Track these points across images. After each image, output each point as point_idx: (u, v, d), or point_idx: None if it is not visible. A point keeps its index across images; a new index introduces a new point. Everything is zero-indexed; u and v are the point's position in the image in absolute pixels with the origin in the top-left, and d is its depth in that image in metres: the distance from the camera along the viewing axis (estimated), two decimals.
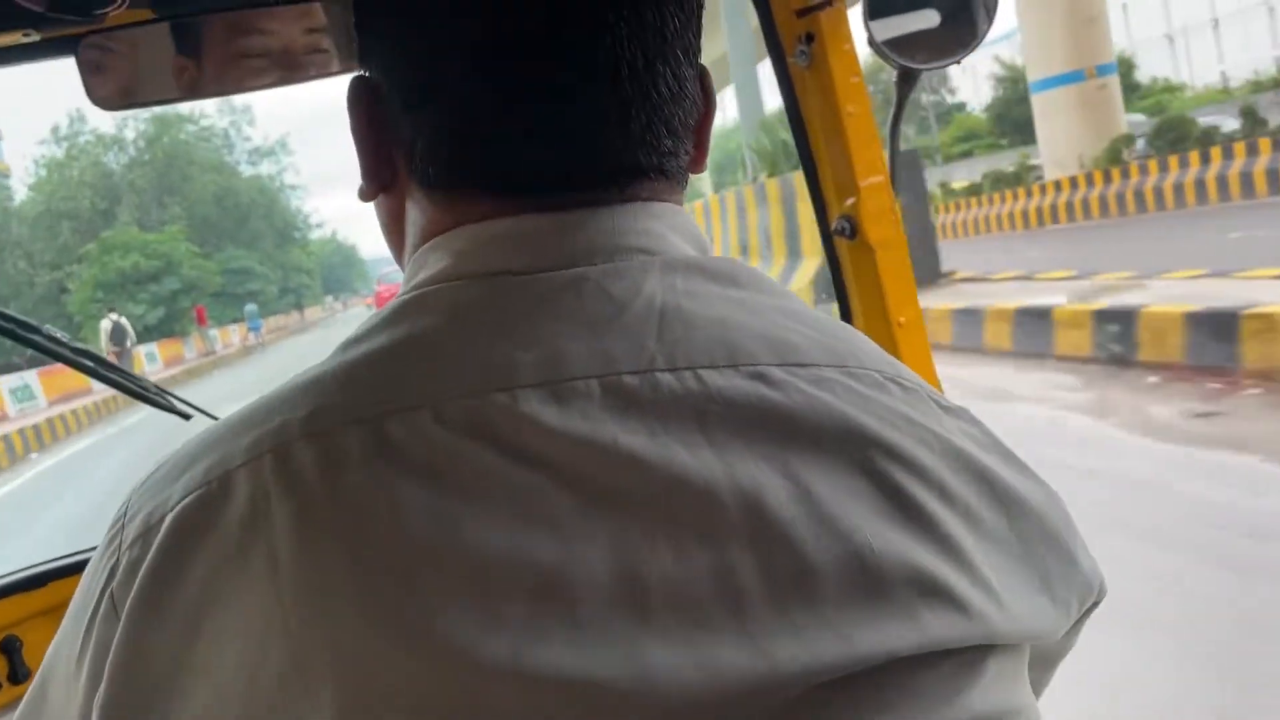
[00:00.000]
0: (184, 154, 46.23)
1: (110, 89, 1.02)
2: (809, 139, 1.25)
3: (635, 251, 0.53)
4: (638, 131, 0.53)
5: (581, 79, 0.51)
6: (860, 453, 0.48)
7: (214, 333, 35.19)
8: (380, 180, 0.58)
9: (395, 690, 0.42)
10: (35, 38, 0.98)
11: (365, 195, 0.60)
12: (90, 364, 1.22)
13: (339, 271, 79.88)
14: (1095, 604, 0.57)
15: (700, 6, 0.57)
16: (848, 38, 1.19)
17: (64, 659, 0.51)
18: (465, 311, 0.51)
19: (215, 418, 1.29)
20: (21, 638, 1.35)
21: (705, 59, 0.59)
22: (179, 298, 35.34)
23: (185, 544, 0.47)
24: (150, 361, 27.27)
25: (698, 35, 0.56)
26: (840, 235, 1.23)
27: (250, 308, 36.10)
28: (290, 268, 52.20)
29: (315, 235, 61.81)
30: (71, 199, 41.40)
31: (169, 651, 0.45)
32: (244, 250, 45.81)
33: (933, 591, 0.46)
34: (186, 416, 1.32)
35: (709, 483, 0.46)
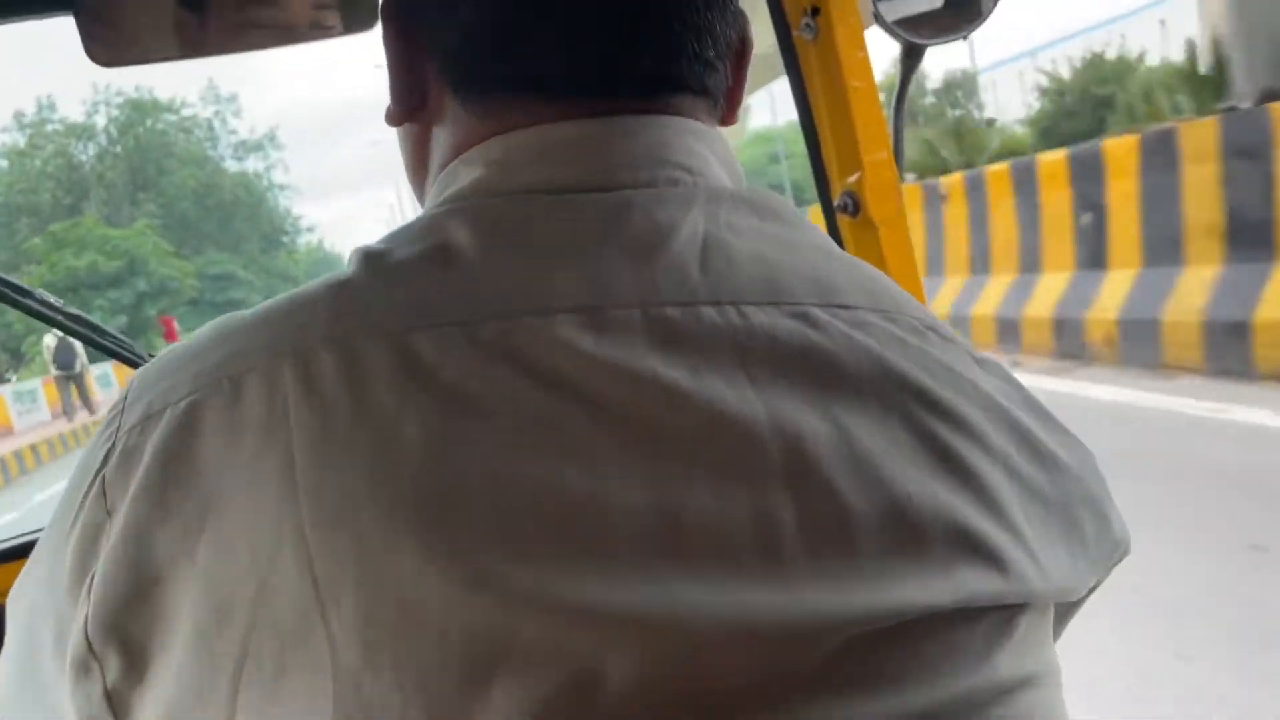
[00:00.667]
0: (161, 145, 42.20)
1: (110, 46, 1.00)
2: (813, 114, 1.25)
3: (678, 168, 0.52)
4: (682, 37, 0.52)
5: None
6: (902, 401, 0.48)
7: None
8: (409, 103, 0.56)
9: (419, 608, 0.41)
10: None
11: (393, 118, 0.58)
12: (84, 330, 1.21)
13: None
14: (1119, 560, 0.57)
15: None
16: (854, 11, 1.18)
17: (52, 540, 0.50)
18: (502, 229, 0.49)
19: None
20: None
21: None
22: (145, 304, 30.58)
23: (191, 438, 0.45)
24: (104, 386, 20.65)
25: None
26: (843, 212, 1.23)
27: None
28: (276, 275, 46.55)
29: (304, 240, 56.93)
30: (31, 192, 37.86)
31: (168, 546, 0.44)
32: (226, 254, 41.54)
33: (972, 547, 0.46)
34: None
35: (750, 422, 0.45)
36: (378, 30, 0.59)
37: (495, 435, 0.43)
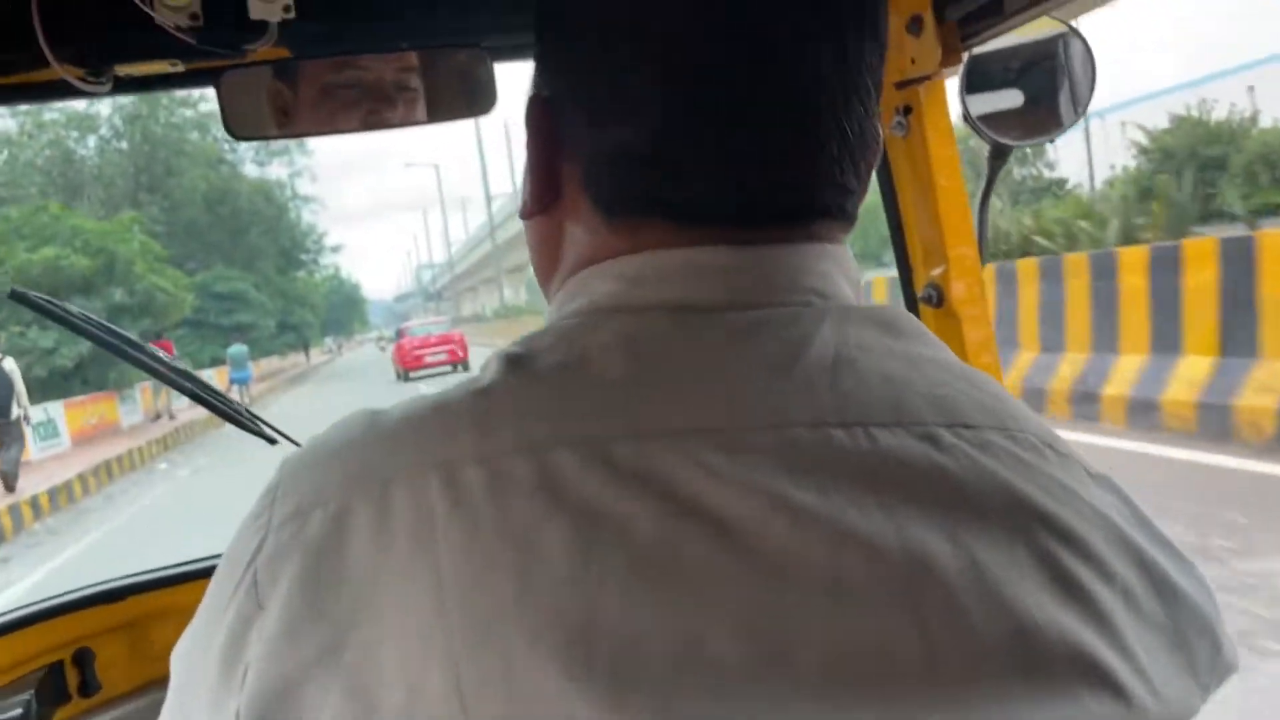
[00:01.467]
0: (172, 142, 35.82)
1: (246, 120, 1.07)
2: (899, 205, 1.28)
3: (810, 293, 0.53)
4: (827, 168, 0.53)
5: (778, 110, 0.51)
6: (1025, 525, 0.48)
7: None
8: (544, 199, 0.57)
9: None
10: (180, 68, 1.04)
11: (526, 212, 0.59)
12: (190, 386, 1.27)
13: (339, 311, 70.59)
14: (1226, 680, 0.57)
15: (886, 56, 0.57)
16: (945, 112, 1.22)
17: (205, 622, 0.52)
18: (639, 345, 0.51)
19: (298, 442, 1.32)
20: (95, 650, 1.38)
21: None
22: (123, 320, 21.13)
23: (342, 542, 0.47)
24: (43, 439, 15.65)
25: (882, 73, 0.56)
26: (926, 303, 1.25)
27: (237, 349, 24.77)
28: (293, 299, 41.83)
29: (328, 261, 52.03)
30: (16, 186, 31.21)
31: (317, 647, 0.46)
32: (236, 270, 35.54)
33: (1094, 674, 0.46)
34: (273, 441, 1.36)
35: (878, 545, 0.45)
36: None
37: (630, 557, 0.45)
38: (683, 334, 0.51)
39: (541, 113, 0.57)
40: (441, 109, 1.11)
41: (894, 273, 1.35)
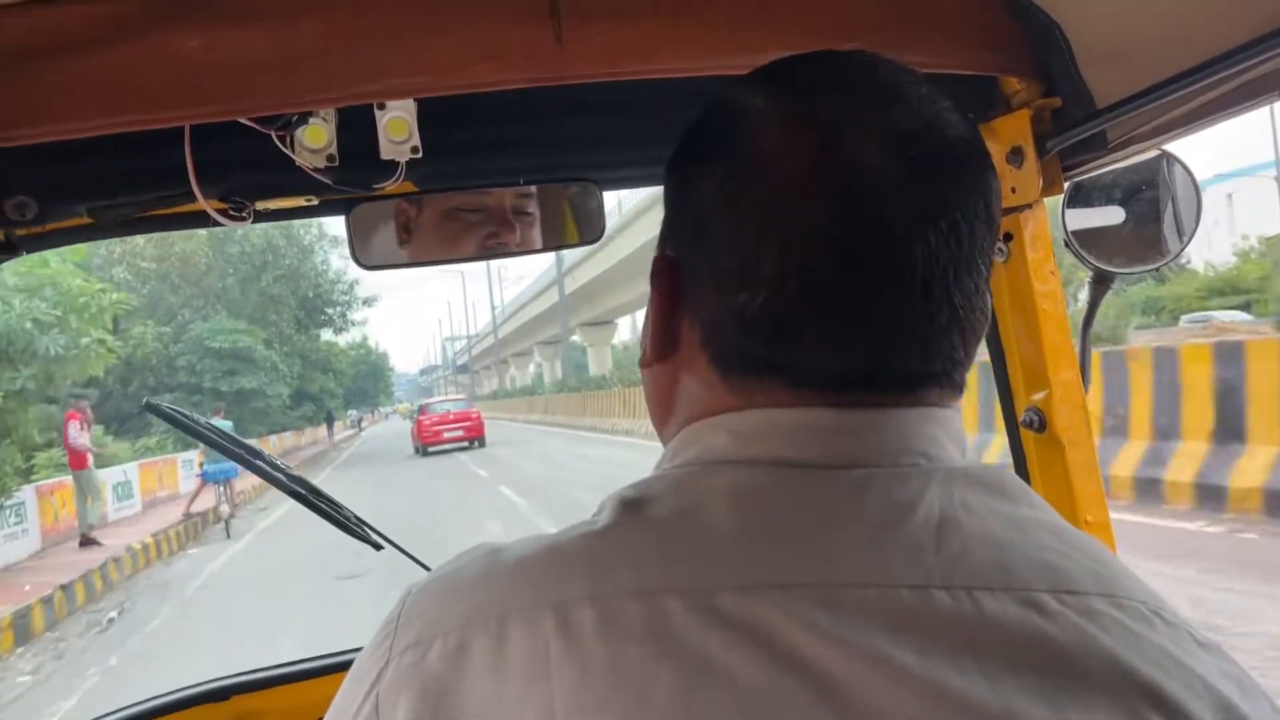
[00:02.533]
0: None
1: (372, 250, 1.14)
2: (999, 330, 1.29)
3: (917, 455, 0.54)
4: (938, 340, 0.54)
5: (893, 286, 0.53)
6: (1129, 698, 0.48)
7: (119, 474, 16.12)
8: (664, 351, 0.60)
9: None
10: (315, 202, 1.11)
11: (645, 361, 0.62)
12: (303, 492, 1.32)
13: (365, 382, 63.83)
14: None
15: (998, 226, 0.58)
16: (1045, 238, 1.23)
17: None
18: (747, 498, 0.53)
19: (404, 550, 1.37)
20: None
21: None
22: (24, 395, 14.18)
23: (460, 673, 0.50)
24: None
25: (993, 246, 0.58)
26: (1028, 427, 1.25)
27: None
28: (314, 365, 35.99)
29: (359, 316, 41.19)
30: None
31: None
32: (244, 323, 29.43)
33: None
34: (379, 547, 1.40)
35: (976, 710, 0.46)
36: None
37: (733, 705, 0.46)
38: (789, 489, 0.53)
39: (669, 274, 0.60)
40: (553, 237, 1.16)
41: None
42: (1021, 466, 1.29)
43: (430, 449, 27.13)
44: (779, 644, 0.47)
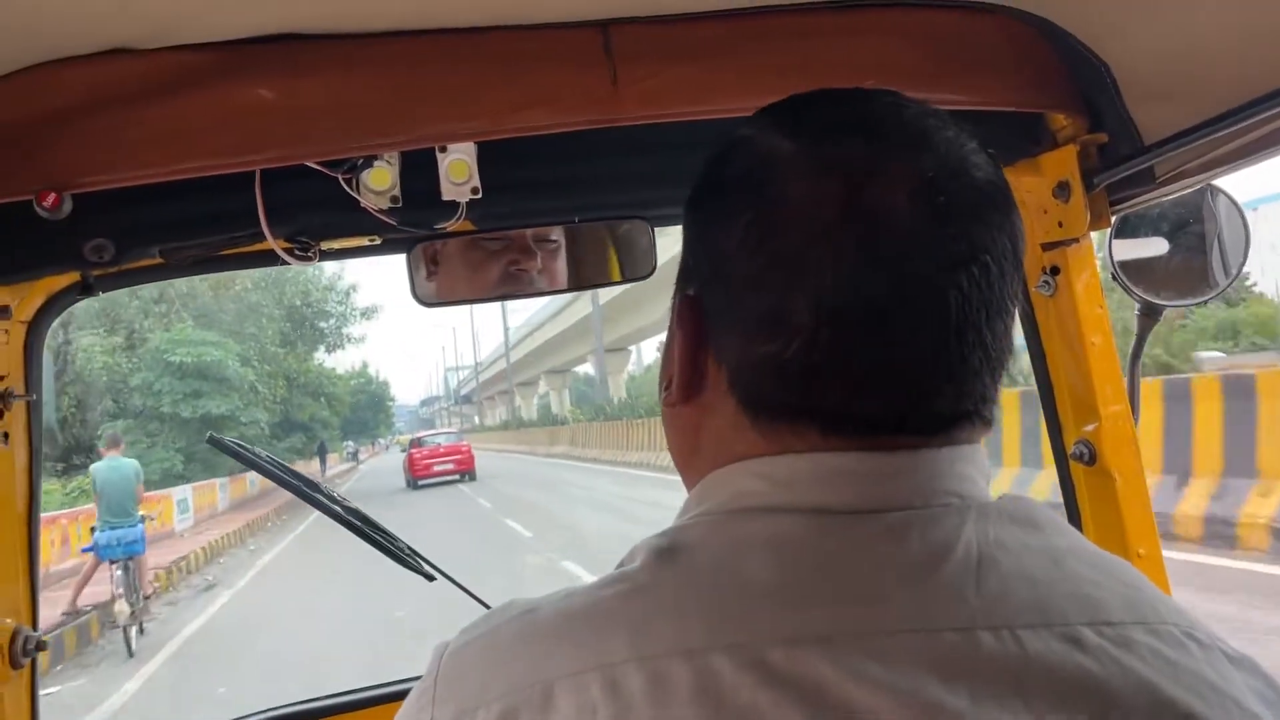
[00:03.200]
0: None
1: (430, 287, 1.17)
2: (1047, 363, 1.29)
3: (951, 495, 0.55)
4: (970, 381, 0.55)
5: (925, 332, 0.53)
6: None
7: None
8: (689, 393, 0.60)
9: None
10: (377, 241, 1.14)
11: (671, 401, 0.62)
12: (358, 524, 1.35)
13: (364, 413, 60.31)
14: None
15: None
16: (1093, 271, 1.24)
17: None
18: (786, 548, 0.53)
19: (457, 582, 1.39)
20: None
21: None
22: None
23: None
24: None
25: (1019, 284, 0.58)
26: (1078, 460, 1.25)
27: (112, 469, 9.24)
28: (302, 390, 30.92)
29: (359, 333, 38.56)
30: None
31: None
32: (215, 334, 24.53)
33: None
34: (431, 579, 1.42)
35: None
36: None
37: None
38: (828, 537, 0.53)
39: (693, 315, 0.59)
40: (605, 274, 1.19)
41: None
42: (1071, 500, 1.29)
43: (420, 482, 26.95)
44: (830, 698, 0.47)
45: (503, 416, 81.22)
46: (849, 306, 0.53)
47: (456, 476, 27.20)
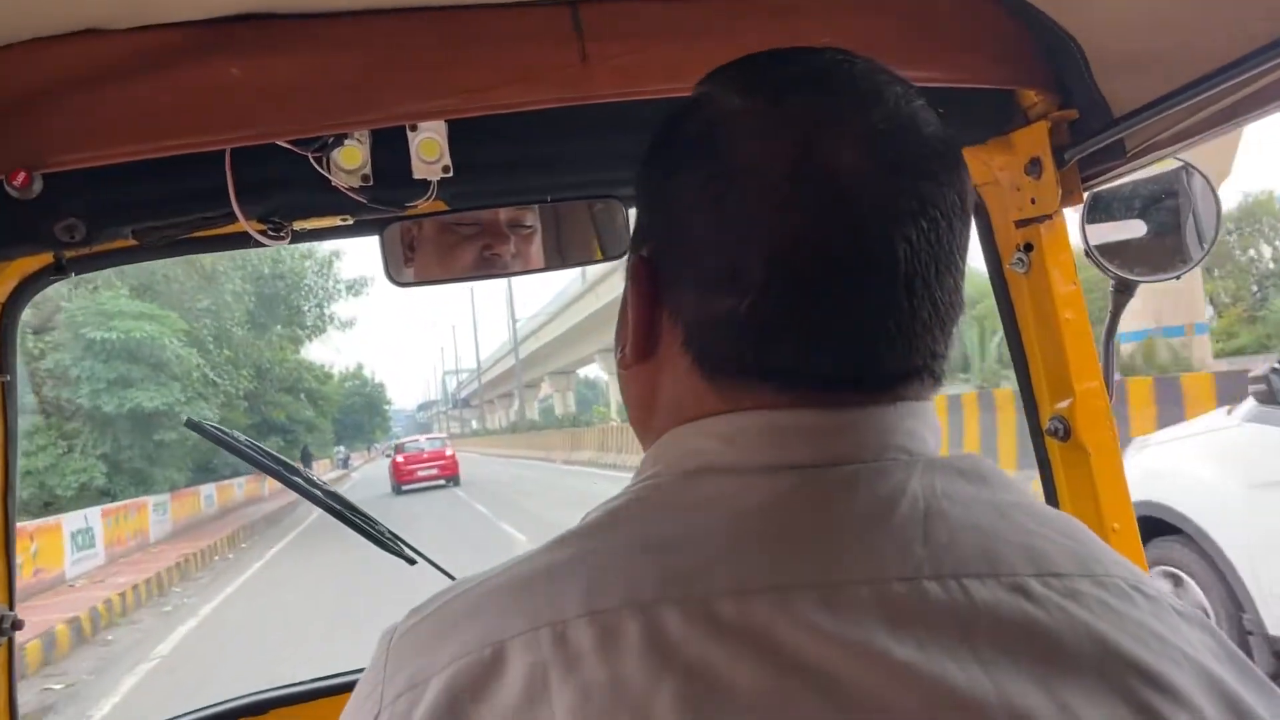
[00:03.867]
0: None
1: (405, 268, 1.17)
2: (1022, 340, 1.30)
3: (899, 450, 0.55)
4: (920, 336, 0.55)
5: (878, 286, 0.53)
6: (1119, 677, 0.50)
7: None
8: (643, 352, 0.60)
9: None
10: (350, 221, 1.14)
11: (626, 363, 0.62)
12: (339, 508, 1.35)
13: (357, 415, 57.27)
14: None
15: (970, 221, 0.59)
16: (1066, 247, 1.24)
17: None
18: (737, 504, 0.53)
19: (439, 566, 1.39)
20: None
21: None
22: None
23: (457, 709, 0.49)
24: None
25: (968, 240, 0.58)
26: (1052, 436, 1.26)
27: None
28: (279, 379, 26.46)
29: (347, 315, 34.41)
30: None
31: None
32: (153, 307, 18.75)
33: None
34: (412, 562, 1.42)
35: (979, 702, 0.47)
36: None
37: (739, 714, 0.46)
38: (778, 493, 0.53)
39: (647, 274, 0.60)
40: (579, 254, 1.19)
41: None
42: (1047, 475, 1.30)
43: (404, 487, 26.64)
44: (781, 648, 0.48)
45: (511, 419, 79.19)
46: (802, 261, 0.53)
47: (441, 482, 27.02)
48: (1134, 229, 1.29)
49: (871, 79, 0.57)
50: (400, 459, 28.55)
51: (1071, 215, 1.25)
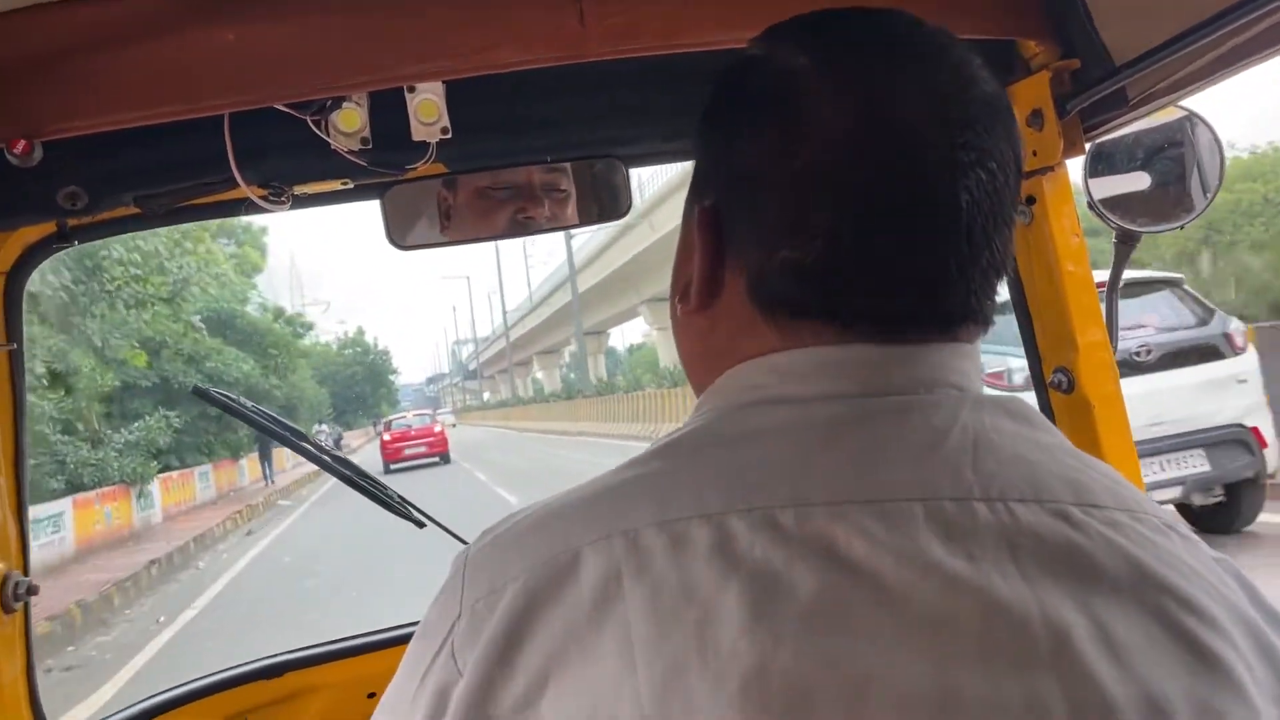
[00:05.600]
0: None
1: (407, 231, 1.17)
2: (1025, 293, 1.29)
3: (950, 387, 0.58)
4: (975, 283, 0.58)
5: (940, 234, 0.56)
6: (1155, 599, 0.52)
7: None
8: (709, 299, 0.63)
9: None
10: (350, 185, 1.15)
11: (690, 309, 0.64)
12: (349, 474, 1.36)
13: (360, 386, 51.62)
14: None
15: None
16: (1069, 199, 1.24)
17: (399, 697, 0.58)
18: (798, 429, 0.56)
19: (446, 527, 1.40)
20: None
21: None
22: None
23: (535, 609, 0.53)
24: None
25: (1018, 196, 0.61)
26: (1056, 389, 1.26)
27: None
28: (190, 356, 21.12)
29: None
30: None
31: (513, 703, 0.52)
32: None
33: None
34: (421, 525, 1.43)
35: (1022, 612, 0.50)
36: None
37: (799, 613, 0.49)
38: (838, 418, 0.56)
39: (713, 223, 0.62)
40: (580, 214, 1.19)
41: None
42: None
43: (393, 466, 26.56)
44: (837, 554, 0.51)
45: (518, 392, 78.63)
46: (870, 211, 0.56)
47: (433, 459, 26.75)
48: (1137, 181, 1.28)
49: (934, 38, 0.60)
50: (388, 437, 28.41)
51: (1075, 169, 1.25)
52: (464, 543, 0.62)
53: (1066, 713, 0.48)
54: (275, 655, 1.52)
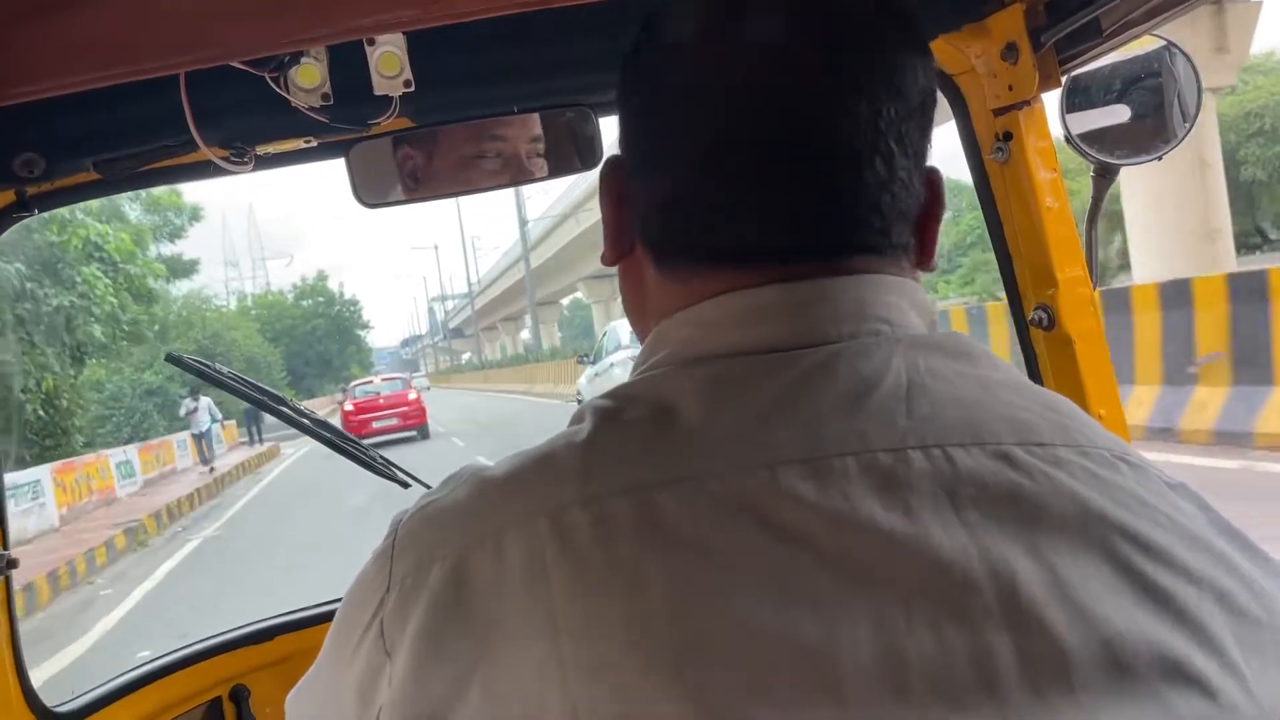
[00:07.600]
0: None
1: (374, 189, 1.15)
2: (1004, 231, 1.28)
3: (878, 321, 0.56)
4: (848, 210, 0.56)
5: (815, 160, 0.54)
6: (1103, 538, 0.50)
7: None
8: (621, 250, 0.62)
9: None
10: (313, 144, 1.12)
11: (607, 260, 0.63)
12: (330, 436, 1.35)
13: (320, 345, 47.77)
14: None
15: (928, 107, 0.59)
16: (1045, 135, 1.22)
17: (326, 674, 0.58)
18: (721, 389, 0.54)
19: (429, 486, 1.40)
20: (250, 687, 1.47)
21: None
22: None
23: (462, 591, 0.51)
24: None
25: (921, 133, 0.58)
26: (1037, 326, 1.25)
27: None
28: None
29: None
30: None
31: (443, 687, 0.50)
32: None
33: (1180, 676, 0.48)
34: (405, 485, 1.43)
35: (964, 564, 0.48)
36: None
37: (734, 586, 0.48)
38: (760, 375, 0.54)
39: (611, 171, 0.62)
40: (552, 165, 1.17)
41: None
42: (1033, 366, 1.30)
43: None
44: (772, 523, 0.49)
45: (484, 355, 75.44)
46: (742, 138, 0.54)
47: (408, 432, 21.87)
48: (1115, 114, 1.27)
49: None
50: (350, 407, 22.81)
51: (1051, 103, 1.23)
52: None
53: (1017, 665, 0.46)
54: (264, 619, 1.52)
